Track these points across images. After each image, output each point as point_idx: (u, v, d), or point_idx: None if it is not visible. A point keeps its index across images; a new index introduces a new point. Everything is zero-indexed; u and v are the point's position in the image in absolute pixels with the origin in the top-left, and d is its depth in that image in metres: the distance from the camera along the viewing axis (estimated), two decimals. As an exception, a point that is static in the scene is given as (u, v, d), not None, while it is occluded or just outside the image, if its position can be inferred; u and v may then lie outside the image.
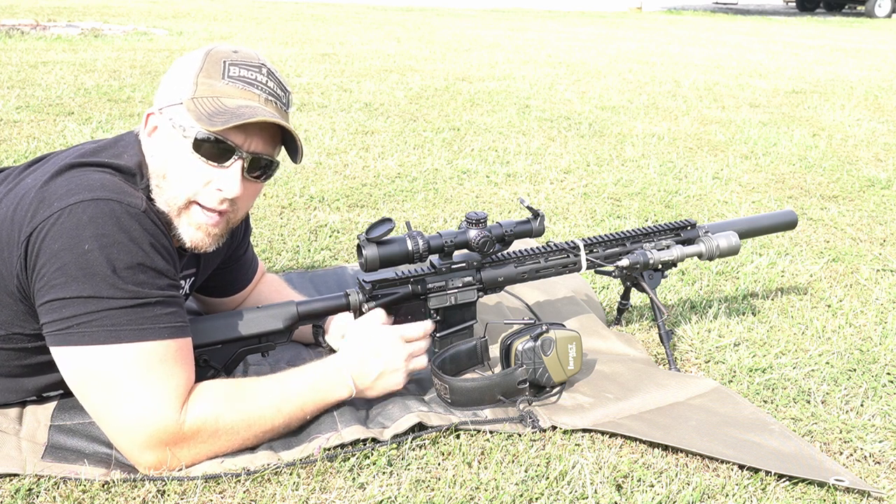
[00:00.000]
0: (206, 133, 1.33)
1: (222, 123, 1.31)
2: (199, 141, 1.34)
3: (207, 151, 1.35)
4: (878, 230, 2.97)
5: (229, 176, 1.37)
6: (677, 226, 1.94)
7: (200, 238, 1.41)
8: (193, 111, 1.33)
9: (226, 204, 1.39)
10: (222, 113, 1.33)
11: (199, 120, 1.32)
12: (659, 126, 4.76)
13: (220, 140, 1.34)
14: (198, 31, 8.66)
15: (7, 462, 1.33)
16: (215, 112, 1.33)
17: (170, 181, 1.37)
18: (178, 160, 1.36)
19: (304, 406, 1.44)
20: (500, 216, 2.97)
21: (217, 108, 1.34)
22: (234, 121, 1.31)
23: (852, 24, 15.87)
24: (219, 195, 1.38)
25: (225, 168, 1.37)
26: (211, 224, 1.40)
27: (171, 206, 1.38)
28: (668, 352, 1.84)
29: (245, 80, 1.38)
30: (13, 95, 4.58)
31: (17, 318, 1.34)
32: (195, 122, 1.33)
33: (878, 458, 1.54)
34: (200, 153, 1.35)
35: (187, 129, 1.34)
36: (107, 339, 1.25)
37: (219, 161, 1.36)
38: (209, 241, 1.43)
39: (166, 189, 1.37)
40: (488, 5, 17.56)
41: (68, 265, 1.23)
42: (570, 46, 9.32)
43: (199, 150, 1.35)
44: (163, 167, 1.37)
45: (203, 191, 1.37)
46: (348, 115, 4.61)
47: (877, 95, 6.25)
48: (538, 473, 1.39)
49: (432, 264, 1.70)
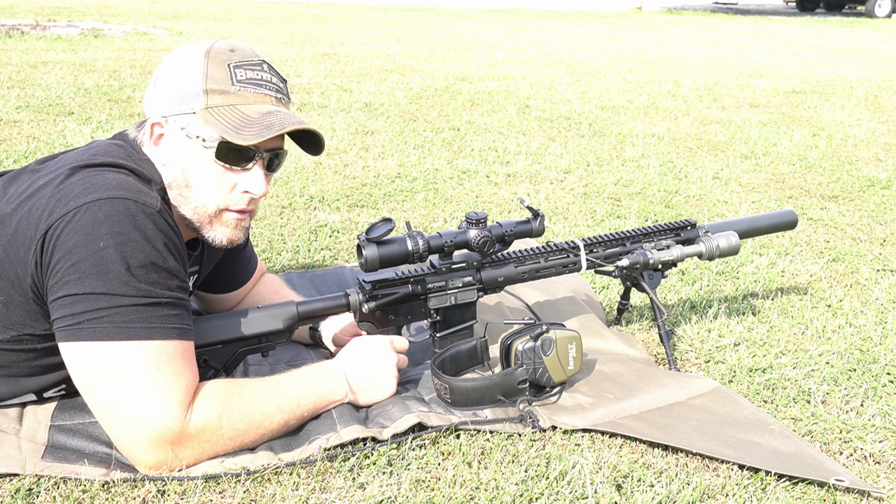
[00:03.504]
0: (231, 143, 1.37)
1: (255, 136, 1.35)
2: (222, 150, 1.38)
3: (230, 158, 1.39)
4: (878, 230, 2.97)
5: (254, 177, 1.42)
6: (677, 226, 1.94)
7: (237, 235, 1.48)
8: (214, 123, 1.36)
9: (252, 203, 1.46)
10: (250, 124, 1.36)
11: (226, 133, 1.35)
12: (659, 126, 4.76)
13: (242, 147, 1.38)
14: (198, 31, 8.66)
15: (7, 462, 1.33)
16: (241, 124, 1.36)
17: (195, 191, 1.41)
18: (200, 169, 1.40)
19: (303, 406, 1.45)
20: (500, 216, 2.97)
21: (241, 119, 1.37)
22: (266, 133, 1.36)
23: (852, 24, 15.87)
24: (246, 196, 1.44)
25: (248, 171, 1.42)
26: (243, 219, 1.47)
27: (201, 214, 1.43)
28: (668, 352, 1.84)
29: (254, 82, 1.40)
30: (13, 95, 4.58)
31: (29, 318, 1.34)
32: (219, 133, 1.36)
33: (878, 458, 1.54)
34: (223, 161, 1.39)
35: (208, 140, 1.37)
36: (117, 335, 1.25)
37: (241, 165, 1.41)
38: (243, 235, 1.50)
39: (193, 198, 1.41)
40: (488, 5, 17.56)
41: (83, 261, 1.24)
42: (570, 46, 9.32)
43: (222, 159, 1.39)
44: (183, 177, 1.41)
45: (230, 196, 1.43)
46: (348, 115, 4.61)
47: (877, 95, 6.25)
48: (538, 473, 1.39)
49: (432, 264, 1.70)
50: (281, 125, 1.37)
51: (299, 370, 1.51)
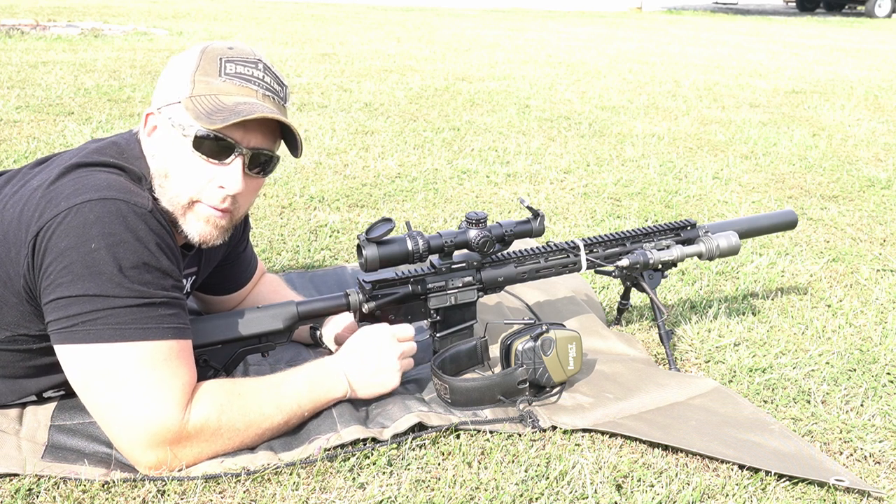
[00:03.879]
0: (205, 131, 1.34)
1: (221, 121, 1.32)
2: (198, 139, 1.34)
3: (208, 149, 1.36)
4: (878, 230, 2.97)
5: (230, 173, 1.37)
6: (677, 226, 1.94)
7: (209, 231, 1.41)
8: (192, 110, 1.34)
9: (228, 201, 1.40)
10: (221, 111, 1.33)
11: (199, 118, 1.33)
12: (659, 126, 4.76)
13: (220, 137, 1.35)
14: (198, 31, 8.66)
15: (7, 462, 1.33)
16: (214, 110, 1.34)
17: (172, 180, 1.38)
18: (179, 159, 1.37)
19: (302, 404, 1.45)
20: (500, 216, 2.97)
21: (215, 106, 1.34)
22: (232, 118, 1.32)
23: (852, 24, 15.87)
24: (221, 192, 1.38)
25: (226, 165, 1.37)
26: (217, 216, 1.41)
27: (175, 205, 1.39)
28: (668, 352, 1.84)
29: (242, 76, 1.38)
30: (13, 95, 4.58)
31: (23, 318, 1.34)
32: (194, 120, 1.33)
33: (878, 458, 1.54)
34: (201, 151, 1.35)
35: (186, 128, 1.35)
36: (111, 337, 1.25)
37: (219, 158, 1.37)
38: (217, 234, 1.43)
39: (168, 188, 1.38)
40: (488, 5, 17.56)
41: (75, 263, 1.24)
42: (570, 46, 9.32)
43: (200, 149, 1.35)
44: (164, 166, 1.38)
45: (205, 189, 1.38)
46: (348, 115, 4.61)
47: (877, 95, 6.25)
48: (538, 473, 1.39)
49: (432, 264, 1.70)
50: (250, 112, 1.33)
51: (299, 369, 1.50)
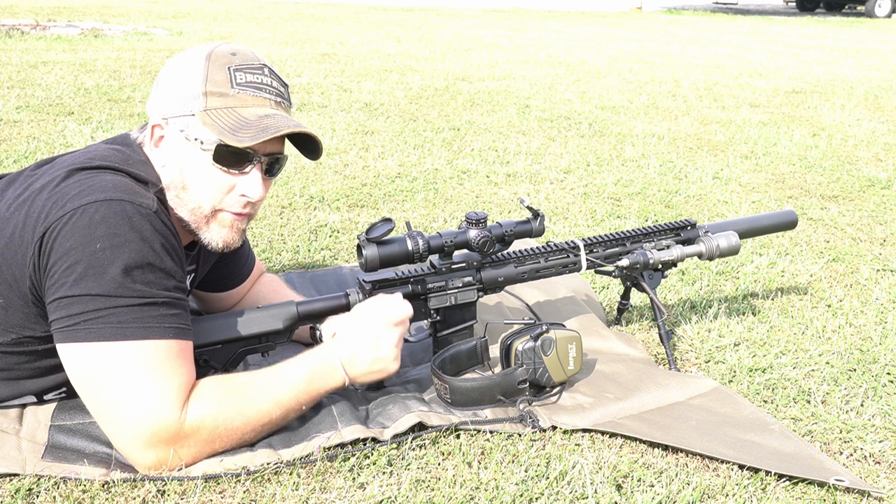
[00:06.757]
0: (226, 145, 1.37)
1: (251, 139, 1.35)
2: (219, 153, 1.38)
3: (227, 161, 1.39)
4: (878, 230, 2.97)
5: (251, 181, 1.42)
6: (677, 226, 1.94)
7: (232, 236, 1.47)
8: (211, 125, 1.36)
9: (249, 207, 1.45)
10: (246, 126, 1.37)
11: (223, 135, 1.36)
12: (659, 126, 4.76)
13: (240, 150, 1.38)
14: (198, 31, 8.66)
15: (7, 462, 1.33)
16: (238, 126, 1.36)
17: (191, 192, 1.41)
18: (198, 171, 1.40)
19: (300, 397, 1.43)
20: (500, 216, 2.97)
21: (238, 121, 1.37)
22: (262, 136, 1.36)
23: (852, 24, 15.87)
24: (243, 200, 1.43)
25: (245, 174, 1.42)
26: (239, 221, 1.46)
27: (198, 216, 1.43)
28: (668, 352, 1.84)
29: (254, 85, 1.41)
30: (13, 95, 4.58)
31: (29, 320, 1.35)
32: (217, 136, 1.36)
33: (878, 458, 1.54)
34: (221, 164, 1.39)
35: (206, 143, 1.38)
36: (112, 335, 1.26)
37: (239, 168, 1.41)
38: (238, 237, 1.49)
39: (189, 200, 1.41)
40: (488, 5, 17.56)
41: (79, 263, 1.25)
42: (570, 46, 9.32)
43: (220, 161, 1.39)
44: (180, 178, 1.41)
45: (227, 198, 1.42)
46: (348, 115, 4.61)
47: (877, 95, 6.25)
48: (538, 473, 1.39)
49: (432, 264, 1.70)
50: (277, 128, 1.37)
51: (295, 360, 1.46)
